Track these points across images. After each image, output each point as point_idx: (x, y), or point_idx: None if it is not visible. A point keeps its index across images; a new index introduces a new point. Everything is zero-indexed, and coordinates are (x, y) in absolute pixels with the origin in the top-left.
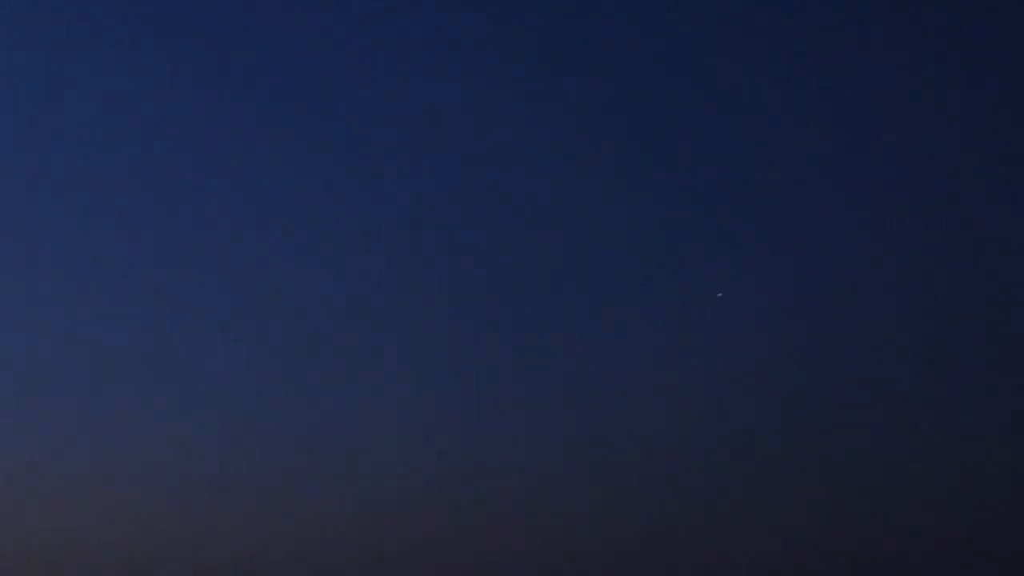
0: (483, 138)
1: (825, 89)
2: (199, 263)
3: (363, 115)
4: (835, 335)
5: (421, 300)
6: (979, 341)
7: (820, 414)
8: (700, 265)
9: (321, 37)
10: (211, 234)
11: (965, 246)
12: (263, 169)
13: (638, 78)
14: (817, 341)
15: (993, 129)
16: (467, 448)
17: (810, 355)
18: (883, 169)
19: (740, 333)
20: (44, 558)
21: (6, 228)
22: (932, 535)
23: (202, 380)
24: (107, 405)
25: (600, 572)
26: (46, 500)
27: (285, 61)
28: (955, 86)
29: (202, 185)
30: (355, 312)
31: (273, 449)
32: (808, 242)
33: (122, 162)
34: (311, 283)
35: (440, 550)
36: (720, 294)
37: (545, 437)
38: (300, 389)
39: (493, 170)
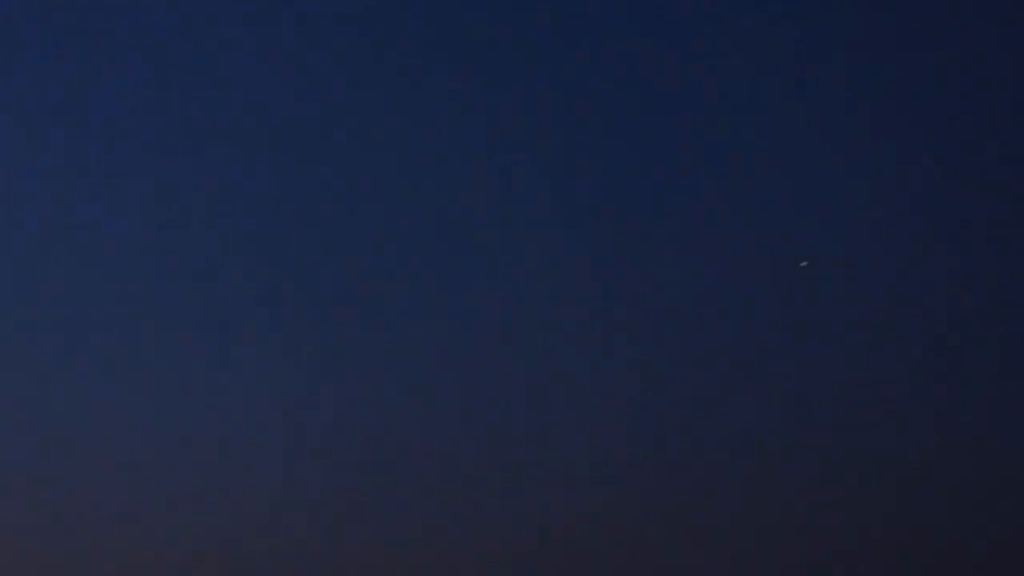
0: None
1: (824, 89)
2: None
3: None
4: (834, 335)
5: (411, 297)
6: (979, 341)
7: (820, 414)
8: (701, 264)
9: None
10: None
11: (965, 246)
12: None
13: (624, 77)
14: (817, 340)
15: (993, 129)
16: (466, 449)
17: (810, 354)
18: (882, 169)
19: (740, 332)
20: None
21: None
22: (932, 534)
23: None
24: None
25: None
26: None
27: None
28: (955, 86)
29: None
30: (355, 312)
31: (270, 448)
32: (807, 241)
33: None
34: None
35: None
36: (804, 263)
37: (540, 436)
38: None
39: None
